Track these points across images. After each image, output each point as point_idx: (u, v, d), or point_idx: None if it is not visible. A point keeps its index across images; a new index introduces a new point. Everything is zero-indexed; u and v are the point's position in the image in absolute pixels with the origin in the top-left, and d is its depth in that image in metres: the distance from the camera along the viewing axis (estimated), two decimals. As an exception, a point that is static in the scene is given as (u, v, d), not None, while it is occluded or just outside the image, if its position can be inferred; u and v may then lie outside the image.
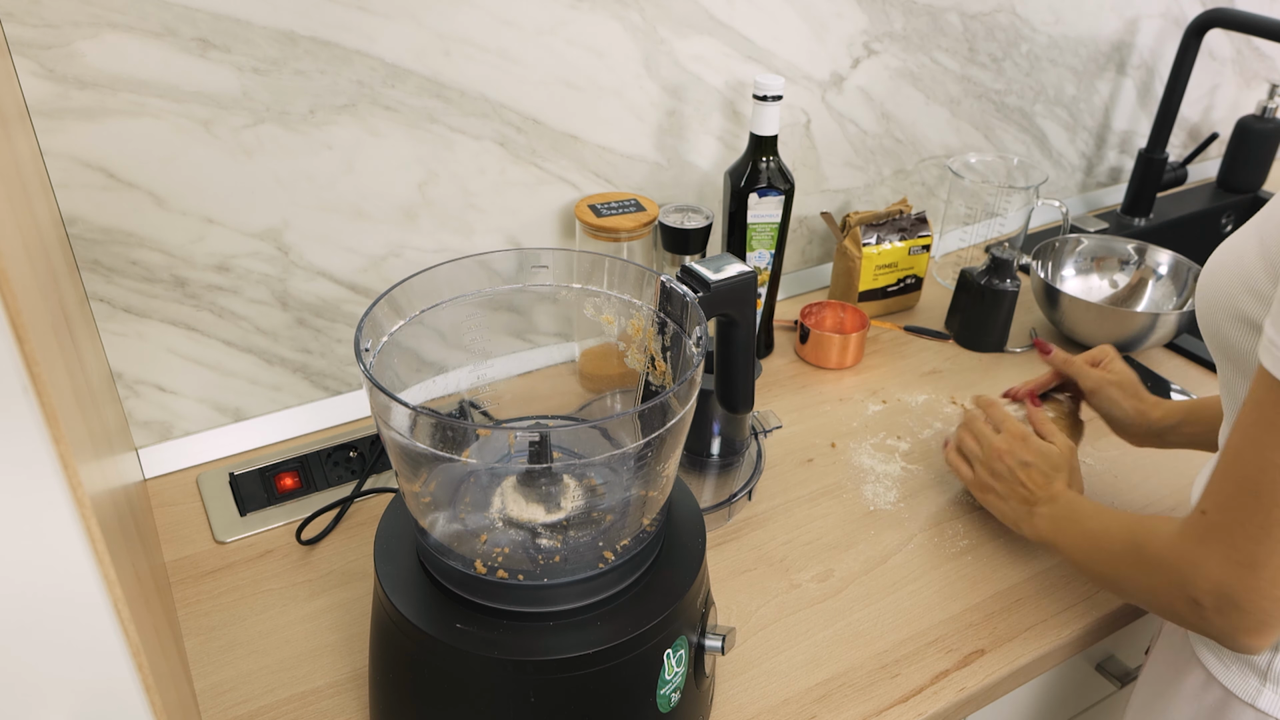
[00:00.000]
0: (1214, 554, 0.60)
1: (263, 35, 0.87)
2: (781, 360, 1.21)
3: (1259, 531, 0.57)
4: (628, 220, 1.05)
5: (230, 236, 0.95)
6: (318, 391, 1.07)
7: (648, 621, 0.64)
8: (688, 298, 0.68)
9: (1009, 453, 0.88)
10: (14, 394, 0.36)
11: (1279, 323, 0.56)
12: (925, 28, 1.28)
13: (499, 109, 1.02)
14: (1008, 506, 0.88)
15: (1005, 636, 0.85)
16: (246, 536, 0.93)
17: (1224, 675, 0.72)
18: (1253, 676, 0.71)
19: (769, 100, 1.05)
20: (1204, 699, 0.74)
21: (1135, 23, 1.49)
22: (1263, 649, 0.62)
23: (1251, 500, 0.58)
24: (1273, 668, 0.69)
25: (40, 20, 0.79)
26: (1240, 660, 0.71)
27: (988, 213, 1.35)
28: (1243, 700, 0.71)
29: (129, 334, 0.94)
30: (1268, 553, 0.57)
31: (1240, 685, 0.71)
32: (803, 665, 0.82)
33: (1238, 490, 0.59)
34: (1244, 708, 0.71)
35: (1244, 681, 0.71)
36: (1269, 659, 0.70)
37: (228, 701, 0.77)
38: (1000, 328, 1.22)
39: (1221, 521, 0.60)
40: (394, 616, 0.65)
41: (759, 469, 0.97)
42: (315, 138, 0.94)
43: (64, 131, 0.83)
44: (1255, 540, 0.58)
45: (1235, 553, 0.59)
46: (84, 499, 0.40)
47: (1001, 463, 0.88)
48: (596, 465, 0.71)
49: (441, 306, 0.71)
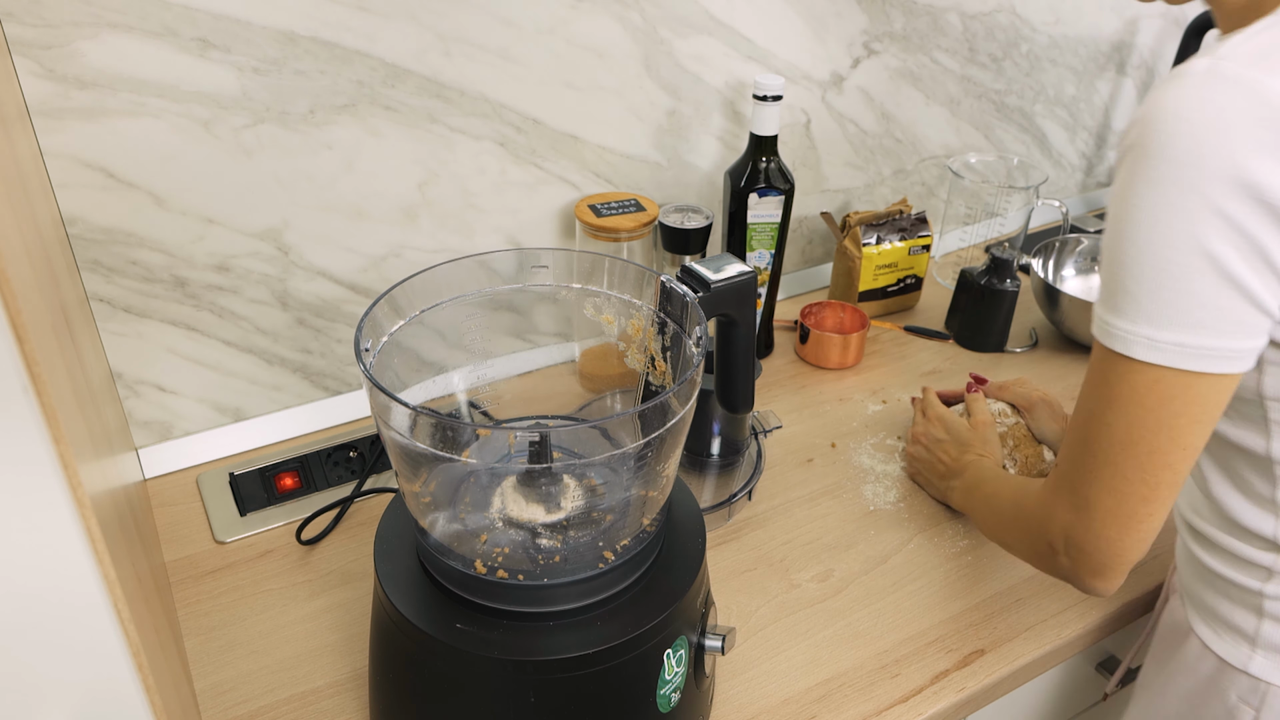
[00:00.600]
0: (1060, 500, 0.69)
1: (263, 35, 0.87)
2: (781, 360, 1.21)
3: (1089, 474, 0.66)
4: (628, 220, 1.05)
5: (230, 236, 0.95)
6: (318, 391, 1.07)
7: (648, 621, 0.64)
8: (688, 298, 0.68)
9: (925, 434, 0.99)
10: (14, 394, 0.36)
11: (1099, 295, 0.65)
12: (925, 28, 1.28)
13: (499, 109, 1.02)
14: (932, 484, 0.98)
15: (1005, 636, 0.85)
16: (246, 536, 0.93)
17: (1216, 644, 0.74)
18: (1243, 644, 0.73)
19: (769, 100, 1.05)
20: (1199, 669, 0.76)
21: (1135, 23, 1.49)
22: (1108, 591, 0.69)
23: (1083, 449, 0.66)
24: (1260, 633, 0.72)
25: (40, 20, 0.79)
26: (1230, 629, 0.73)
27: (988, 213, 1.35)
28: (1235, 667, 0.73)
29: (129, 334, 0.94)
30: (1095, 493, 0.65)
31: (1232, 653, 0.73)
32: (803, 665, 0.82)
33: (1076, 441, 0.67)
34: (1237, 674, 0.73)
35: (1235, 649, 0.73)
36: (1256, 625, 0.72)
37: (228, 701, 0.77)
38: (1000, 328, 1.22)
39: (1065, 470, 0.68)
40: (394, 616, 0.65)
41: (759, 469, 0.97)
42: (315, 138, 0.94)
43: (64, 131, 0.83)
44: (1086, 483, 0.66)
45: (1074, 497, 0.67)
46: (84, 499, 0.40)
47: (920, 445, 0.99)
48: (596, 465, 0.71)
49: (441, 306, 0.71)
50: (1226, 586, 0.74)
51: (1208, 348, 0.60)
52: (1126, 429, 0.63)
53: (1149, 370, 0.62)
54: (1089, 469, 0.66)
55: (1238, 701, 0.73)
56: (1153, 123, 0.59)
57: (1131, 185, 0.60)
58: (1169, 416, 0.62)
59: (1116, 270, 0.62)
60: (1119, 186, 0.62)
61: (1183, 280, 0.59)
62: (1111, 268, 0.63)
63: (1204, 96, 0.57)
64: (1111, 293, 0.63)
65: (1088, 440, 0.66)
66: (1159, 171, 0.58)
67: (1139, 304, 0.61)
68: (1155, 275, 0.60)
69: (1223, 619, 0.74)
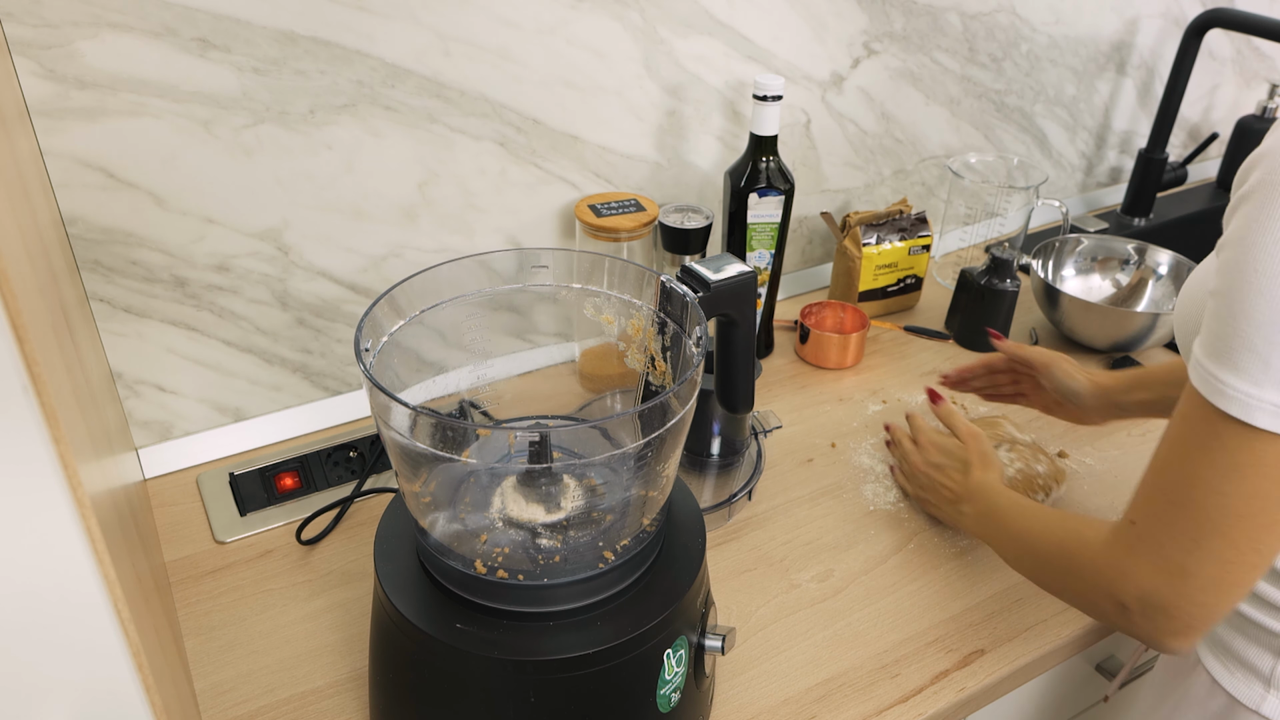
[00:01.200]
0: (1143, 564, 0.62)
1: (263, 35, 0.87)
2: (781, 360, 1.21)
3: (1190, 543, 0.59)
4: (628, 220, 1.05)
5: (230, 236, 0.95)
6: (318, 391, 1.07)
7: (648, 621, 0.64)
8: (688, 298, 0.68)
9: (923, 461, 0.94)
10: (14, 394, 0.36)
11: (1205, 343, 0.58)
12: (925, 28, 1.28)
13: (499, 109, 1.02)
14: (942, 511, 0.92)
15: (1005, 636, 0.85)
16: (246, 536, 0.93)
17: (1228, 682, 0.72)
18: (1257, 683, 0.71)
19: (769, 100, 1.05)
20: (1209, 705, 0.74)
21: (1135, 23, 1.49)
22: (1186, 650, 0.64)
23: (1178, 511, 0.60)
24: (1276, 674, 0.69)
25: (40, 20, 0.79)
26: (1244, 667, 0.71)
27: (988, 213, 1.35)
28: (1247, 707, 0.71)
29: (129, 334, 0.94)
30: (1198, 563, 0.59)
31: (1245, 692, 0.71)
32: (803, 665, 0.82)
33: (1167, 503, 0.61)
34: (1249, 714, 0.71)
35: (1249, 688, 0.71)
36: (1272, 665, 0.70)
37: (228, 701, 0.77)
38: (1000, 328, 1.22)
39: (1151, 532, 0.62)
40: (394, 616, 0.65)
41: (759, 469, 0.97)
42: (315, 138, 0.94)
43: (64, 131, 0.83)
44: (1186, 551, 0.60)
45: (1165, 562, 0.61)
46: (84, 499, 0.40)
47: (921, 473, 0.94)
48: (596, 465, 0.71)
49: (441, 306, 0.71)
50: (1244, 624, 0.71)
51: None
52: (1245, 500, 0.57)
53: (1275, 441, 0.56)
54: (1190, 537, 0.60)
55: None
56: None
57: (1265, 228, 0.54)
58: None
59: (1241, 324, 0.56)
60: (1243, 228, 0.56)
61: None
62: (1233, 321, 0.56)
63: None
64: (1230, 348, 0.56)
65: (1187, 505, 0.59)
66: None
67: (1267, 365, 0.55)
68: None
69: (1236, 656, 0.72)
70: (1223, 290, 0.57)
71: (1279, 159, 0.54)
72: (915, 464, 0.95)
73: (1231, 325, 0.56)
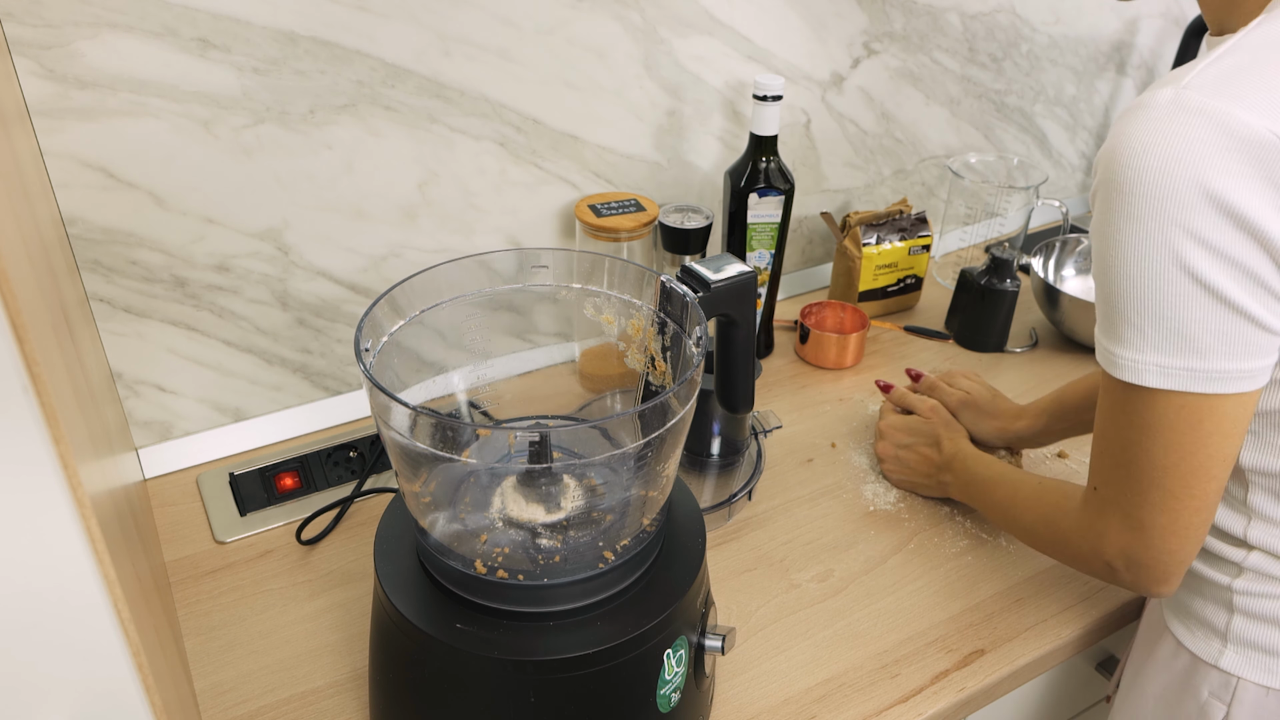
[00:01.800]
0: (1111, 523, 0.70)
1: (263, 35, 0.87)
2: (781, 360, 1.21)
3: (1139, 498, 0.67)
4: (628, 220, 1.05)
5: (230, 236, 0.95)
6: (318, 391, 1.07)
7: (648, 621, 0.64)
8: (688, 298, 0.68)
9: (891, 446, 1.00)
10: (14, 394, 0.36)
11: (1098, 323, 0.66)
12: (925, 28, 1.28)
13: (499, 109, 1.02)
14: (927, 487, 0.97)
15: (1005, 636, 0.85)
16: (246, 536, 0.93)
17: (1189, 641, 0.75)
18: (1214, 639, 0.74)
19: (769, 100, 1.05)
20: (1174, 665, 0.77)
21: (1135, 23, 1.49)
22: (1171, 592, 0.71)
23: (1122, 472, 0.67)
24: (1231, 629, 0.73)
25: (40, 20, 0.79)
26: (1203, 625, 0.74)
27: (988, 213, 1.35)
28: (1206, 662, 0.74)
29: (129, 334, 0.94)
30: (1149, 514, 0.67)
31: (1204, 648, 0.74)
32: (803, 665, 0.82)
33: (1112, 466, 0.68)
34: (1209, 669, 0.74)
35: (1207, 645, 0.74)
36: (1226, 620, 0.73)
37: (228, 701, 0.77)
38: (1000, 328, 1.22)
39: (1110, 495, 0.69)
40: (394, 616, 0.65)
41: (759, 469, 0.97)
42: (315, 138, 0.94)
43: (64, 131, 0.83)
44: (1137, 506, 0.67)
45: (1127, 519, 0.68)
46: (84, 499, 0.40)
47: (895, 460, 0.99)
48: (596, 465, 0.71)
49: (441, 306, 0.71)
50: (1199, 583, 0.75)
51: (1220, 370, 0.61)
52: (1164, 453, 0.64)
53: (1171, 397, 0.62)
54: (1137, 492, 0.67)
55: (1209, 697, 0.74)
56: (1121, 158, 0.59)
57: (1110, 221, 0.61)
58: (1203, 435, 0.63)
59: (1115, 302, 0.63)
60: (1098, 222, 0.63)
61: (1181, 309, 0.60)
62: (1109, 300, 0.63)
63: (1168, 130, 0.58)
64: (1113, 324, 0.64)
65: (1128, 465, 0.67)
66: (1135, 207, 0.59)
67: (1143, 333, 0.62)
68: (1154, 306, 0.61)
69: (1195, 615, 0.75)
70: (1097, 275, 0.64)
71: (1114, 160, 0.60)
72: (885, 451, 1.00)
73: (1109, 304, 0.63)
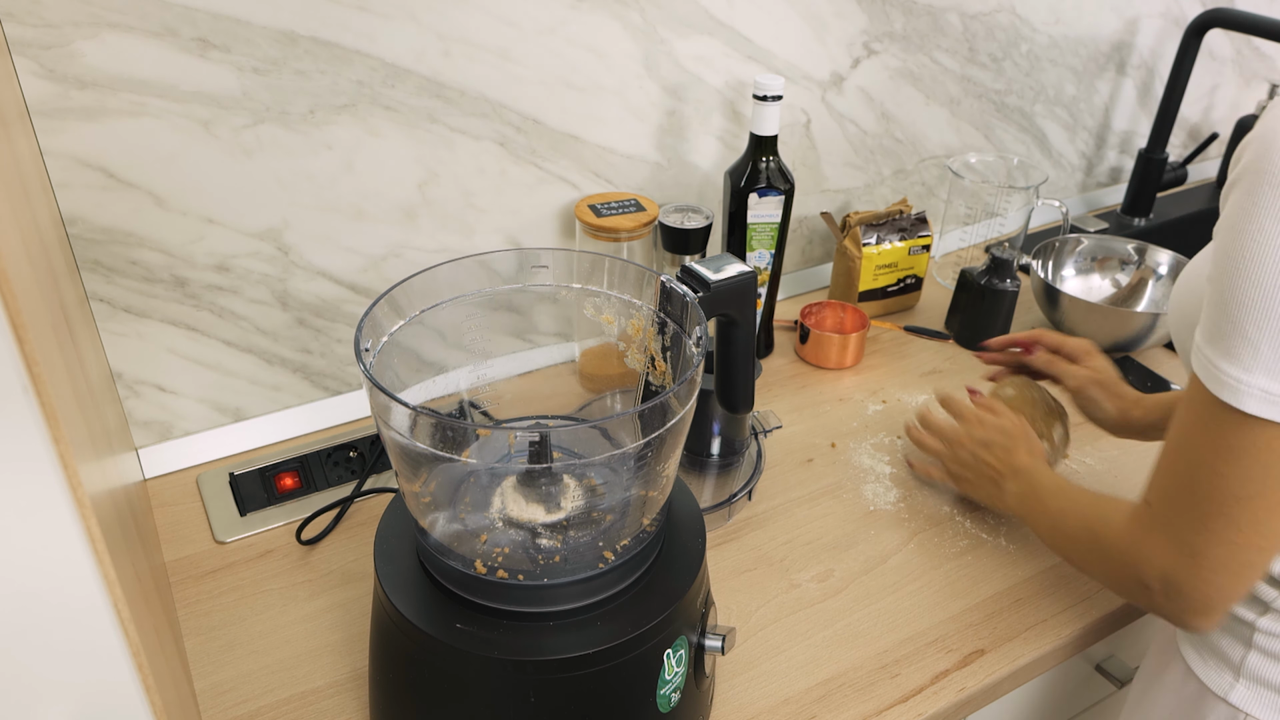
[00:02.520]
0: (1159, 544, 0.64)
1: (263, 35, 0.87)
2: (781, 360, 1.21)
3: (1198, 524, 0.62)
4: (628, 220, 1.05)
5: (230, 236, 0.95)
6: (318, 391, 1.07)
7: (648, 621, 0.64)
8: (688, 298, 0.68)
9: (969, 437, 0.92)
10: (14, 394, 0.36)
11: (1204, 328, 0.60)
12: (925, 28, 1.28)
13: (499, 109, 1.02)
14: (980, 489, 0.91)
15: (1005, 636, 0.85)
16: (246, 536, 0.93)
17: (1201, 670, 0.74)
18: (1227, 672, 0.72)
19: (769, 100, 1.05)
20: (1183, 692, 0.76)
21: (1135, 23, 1.49)
22: (1209, 629, 0.66)
23: (1186, 494, 0.62)
24: (1245, 664, 0.71)
25: (40, 20, 0.79)
26: (1217, 656, 0.73)
27: (988, 213, 1.35)
28: (1216, 694, 0.73)
29: (129, 334, 0.94)
30: (1205, 543, 0.61)
31: (1215, 680, 0.73)
32: (803, 665, 0.82)
33: (1176, 485, 0.63)
34: (1217, 702, 0.73)
35: (1219, 677, 0.73)
36: (1242, 655, 0.71)
37: (228, 701, 0.77)
38: (1000, 328, 1.22)
39: (1164, 514, 0.64)
40: (394, 616, 0.65)
41: (759, 469, 0.97)
42: (315, 138, 0.94)
43: (64, 131, 0.83)
44: (1195, 532, 0.62)
45: (1177, 543, 0.63)
46: (84, 499, 0.40)
47: (964, 449, 0.92)
48: (596, 465, 0.71)
49: (441, 306, 0.71)
50: None
51: None
52: (1242, 483, 0.59)
53: (1269, 427, 0.57)
54: (1197, 517, 0.62)
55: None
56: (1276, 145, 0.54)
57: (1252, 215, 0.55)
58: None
59: (1233, 310, 0.57)
60: (1234, 214, 0.56)
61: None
62: (1226, 307, 0.57)
63: None
64: (1224, 334, 0.58)
65: (1193, 487, 0.61)
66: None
67: (1258, 352, 0.56)
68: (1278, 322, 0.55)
69: (1210, 646, 0.74)
70: (1217, 276, 0.58)
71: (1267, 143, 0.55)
72: (960, 439, 0.93)
73: (1225, 311, 0.57)
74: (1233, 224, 0.56)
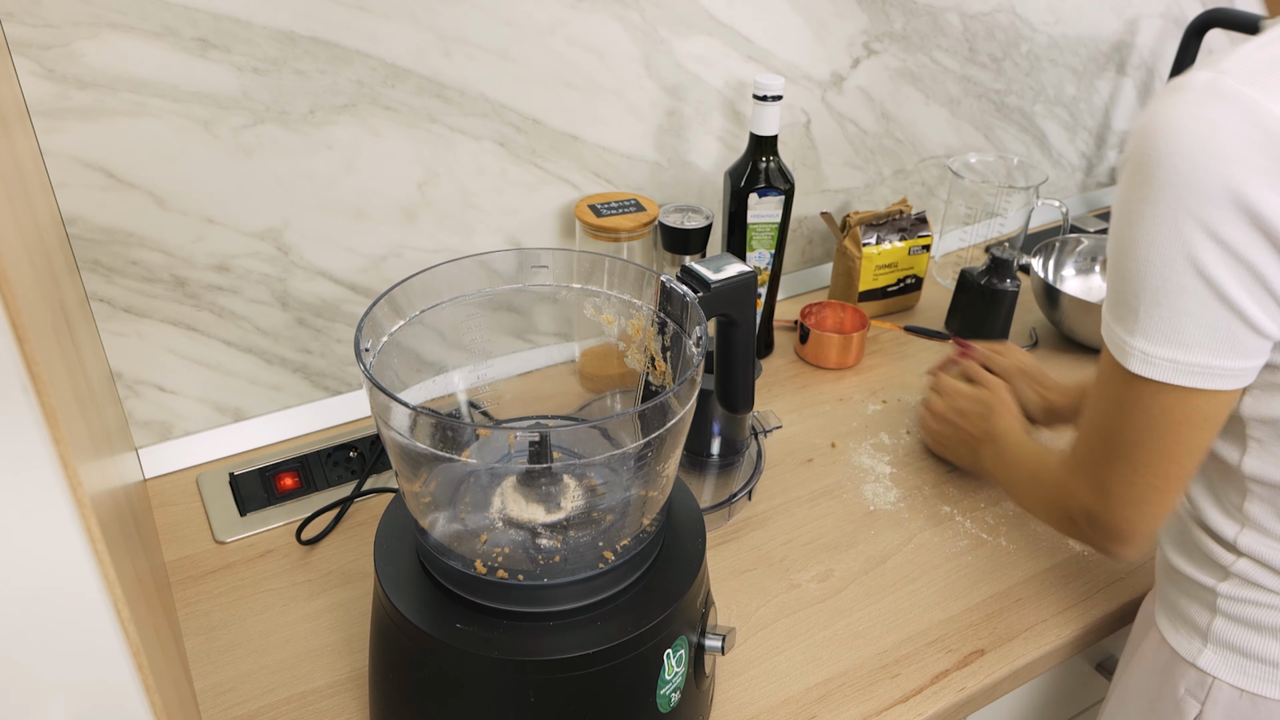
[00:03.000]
0: (1079, 481, 0.73)
1: (263, 35, 0.87)
2: (781, 360, 1.21)
3: (1105, 464, 0.70)
4: (628, 220, 1.05)
5: (230, 236, 0.95)
6: (318, 391, 1.07)
7: (648, 621, 0.64)
8: (688, 298, 0.68)
9: (948, 408, 1.00)
10: (14, 394, 0.36)
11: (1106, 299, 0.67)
12: (925, 28, 1.28)
13: (499, 109, 1.02)
14: (960, 454, 0.99)
15: (1005, 636, 0.85)
16: (246, 536, 0.93)
17: (1172, 637, 0.77)
18: (1195, 638, 0.75)
19: (769, 100, 1.05)
20: (1156, 659, 0.78)
21: (1135, 23, 1.49)
22: (1128, 557, 0.74)
23: (1099, 439, 0.70)
24: (1211, 630, 0.73)
25: (40, 20, 0.79)
26: (1186, 623, 0.75)
27: (988, 213, 1.35)
28: (1185, 660, 0.75)
29: (129, 334, 0.94)
30: (1112, 481, 0.70)
31: (1185, 646, 0.75)
32: (803, 665, 0.82)
33: (1092, 430, 0.71)
34: (1187, 667, 0.75)
35: (1188, 643, 0.75)
36: (1208, 621, 0.73)
37: (228, 701, 0.77)
38: (1000, 328, 1.22)
39: (1084, 455, 0.73)
40: (394, 616, 0.65)
41: (759, 469, 0.97)
42: (315, 138, 0.94)
43: (64, 131, 0.83)
44: (1103, 470, 0.70)
45: (1092, 480, 0.72)
46: (84, 499, 0.40)
47: (945, 420, 1.00)
48: (596, 465, 0.71)
49: (441, 306, 0.71)
50: (1186, 582, 0.76)
51: (1201, 365, 0.62)
52: (1135, 431, 0.67)
53: (1149, 384, 0.64)
54: (1105, 458, 0.70)
55: (1185, 694, 0.75)
56: (1149, 137, 0.59)
57: (1129, 200, 0.61)
58: (1172, 424, 0.65)
59: (1118, 282, 0.64)
60: (1118, 198, 0.63)
61: (1177, 299, 0.61)
62: (1114, 278, 0.65)
63: (1200, 114, 0.57)
64: (1114, 302, 0.65)
65: (1102, 431, 0.70)
66: (1155, 190, 0.59)
67: (1137, 317, 0.63)
68: (1152, 293, 0.62)
69: (1180, 613, 0.76)
70: (1109, 254, 0.65)
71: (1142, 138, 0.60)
72: (939, 410, 1.01)
73: (1115, 283, 0.65)
74: (1117, 206, 0.63)
